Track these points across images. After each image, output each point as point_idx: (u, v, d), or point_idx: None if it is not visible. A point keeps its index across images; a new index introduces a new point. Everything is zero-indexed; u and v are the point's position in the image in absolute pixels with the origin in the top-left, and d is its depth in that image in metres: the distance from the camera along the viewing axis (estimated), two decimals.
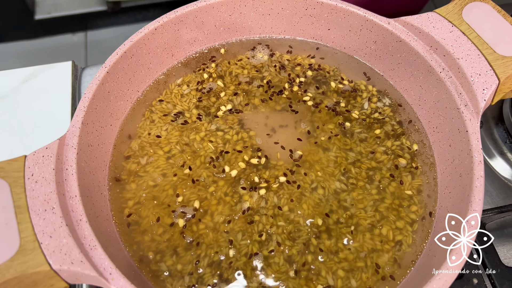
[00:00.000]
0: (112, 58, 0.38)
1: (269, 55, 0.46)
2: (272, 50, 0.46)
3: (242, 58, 0.46)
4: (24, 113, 0.55)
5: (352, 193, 0.38)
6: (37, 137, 0.53)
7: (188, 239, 0.36)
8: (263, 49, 0.46)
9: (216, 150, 0.40)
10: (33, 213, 0.30)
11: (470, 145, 0.35)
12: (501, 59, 0.37)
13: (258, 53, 0.46)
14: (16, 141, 0.53)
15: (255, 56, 0.46)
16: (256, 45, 0.46)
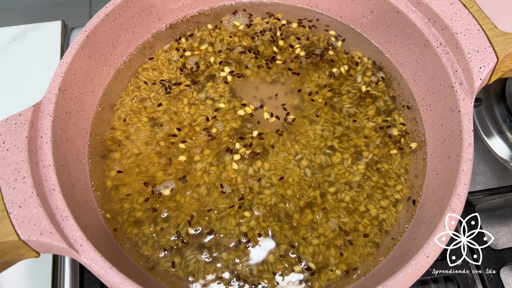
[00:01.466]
0: (93, 21, 0.37)
1: (262, 22, 0.44)
2: (265, 16, 0.44)
3: (234, 24, 0.43)
4: (12, 74, 0.53)
5: (336, 168, 0.37)
6: (24, 99, 0.52)
7: (169, 208, 0.36)
8: (253, 15, 0.44)
9: (204, 119, 0.39)
10: (2, 182, 0.29)
11: (461, 126, 0.34)
12: (502, 36, 0.35)
13: (247, 19, 0.44)
14: (2, 102, 0.52)
15: (245, 22, 0.44)
16: (248, 9, 0.44)
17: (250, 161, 0.37)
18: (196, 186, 0.37)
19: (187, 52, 0.42)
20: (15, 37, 0.55)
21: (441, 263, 0.41)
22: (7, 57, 0.54)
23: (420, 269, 0.29)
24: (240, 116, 0.39)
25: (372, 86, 0.41)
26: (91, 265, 0.29)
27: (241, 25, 0.43)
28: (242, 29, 0.43)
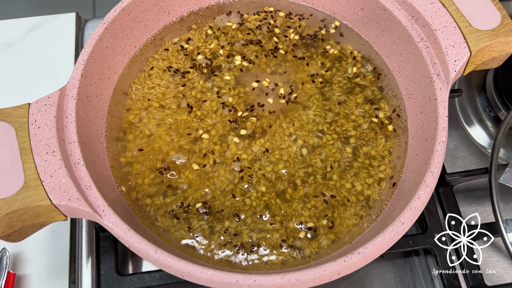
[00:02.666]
0: (111, 14, 0.41)
1: (261, 17, 0.48)
2: (264, 10, 0.48)
3: (227, 25, 0.48)
4: (30, 61, 0.58)
5: (327, 149, 0.42)
6: (41, 84, 0.56)
7: (177, 182, 0.40)
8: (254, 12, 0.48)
9: (210, 104, 0.43)
10: (36, 155, 0.34)
11: (437, 112, 0.38)
12: (475, 33, 0.39)
13: (251, 15, 0.48)
14: (22, 87, 0.56)
15: (247, 18, 0.48)
16: (250, 7, 0.48)
17: (250, 141, 0.42)
18: (202, 163, 0.41)
19: (195, 44, 0.47)
20: (32, 27, 0.59)
21: (421, 237, 0.46)
22: (26, 45, 0.58)
23: (396, 235, 0.34)
24: (243, 100, 0.44)
25: (361, 77, 0.45)
26: (112, 228, 0.33)
27: (234, 24, 0.47)
28: (236, 27, 0.47)
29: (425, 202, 0.35)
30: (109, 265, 0.44)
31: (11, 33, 0.59)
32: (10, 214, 0.32)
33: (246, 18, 0.48)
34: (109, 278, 0.43)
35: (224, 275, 0.32)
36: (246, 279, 0.32)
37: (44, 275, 0.47)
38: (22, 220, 0.32)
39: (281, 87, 0.45)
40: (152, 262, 0.33)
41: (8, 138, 0.34)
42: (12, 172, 0.33)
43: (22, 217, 0.32)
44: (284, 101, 0.44)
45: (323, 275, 0.32)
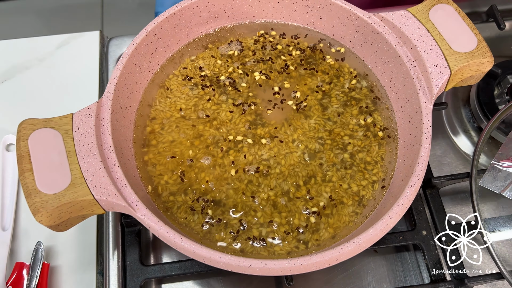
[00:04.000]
0: (139, 36, 0.47)
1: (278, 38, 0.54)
2: (272, 33, 0.55)
3: (245, 40, 0.54)
4: (59, 74, 0.64)
5: (326, 154, 0.48)
6: (69, 95, 0.62)
7: (196, 183, 0.46)
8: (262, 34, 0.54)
9: (225, 114, 0.49)
10: (79, 157, 0.39)
11: (422, 123, 0.44)
12: (454, 55, 0.45)
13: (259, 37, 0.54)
14: (52, 99, 0.62)
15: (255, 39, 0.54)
16: (259, 28, 0.55)
17: (260, 146, 0.48)
18: (218, 164, 0.47)
19: (211, 61, 0.53)
20: (61, 44, 0.66)
21: (410, 234, 0.52)
22: (55, 60, 0.65)
23: (385, 227, 0.39)
24: (254, 111, 0.50)
25: (356, 91, 0.51)
26: (144, 219, 0.39)
27: (236, 51, 0.54)
28: (238, 53, 0.53)
29: (411, 200, 0.41)
30: (133, 256, 0.50)
31: (42, 49, 0.65)
32: (60, 207, 0.37)
33: (247, 44, 0.54)
34: (134, 268, 0.49)
35: (239, 260, 0.38)
36: (258, 263, 0.37)
37: (74, 267, 0.52)
38: (69, 212, 0.38)
39: (288, 99, 0.51)
40: (178, 248, 0.38)
41: (56, 142, 0.40)
42: (61, 172, 0.39)
43: (69, 209, 0.38)
44: (295, 108, 0.50)
45: (323, 260, 0.38)
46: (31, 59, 0.64)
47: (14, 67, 0.64)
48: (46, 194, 0.37)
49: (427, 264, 0.50)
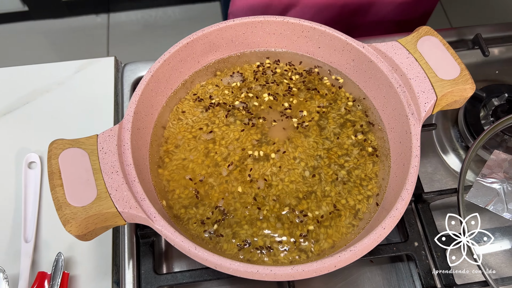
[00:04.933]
0: (155, 65, 0.52)
1: (274, 64, 0.60)
2: (275, 60, 0.60)
3: (251, 67, 0.59)
4: (77, 97, 0.69)
5: (325, 170, 0.52)
6: (87, 117, 0.67)
7: (206, 197, 0.51)
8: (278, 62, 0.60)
9: (233, 133, 0.54)
10: (104, 174, 0.44)
11: (412, 143, 0.49)
12: (440, 81, 0.50)
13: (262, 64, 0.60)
14: (71, 120, 0.67)
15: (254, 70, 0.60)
16: (263, 56, 0.60)
17: (264, 163, 0.52)
18: (225, 181, 0.52)
19: (220, 87, 0.58)
20: (79, 69, 0.71)
21: (403, 245, 0.56)
22: (73, 84, 0.70)
23: (379, 237, 0.44)
24: (260, 131, 0.55)
25: (352, 114, 0.56)
26: (161, 230, 0.43)
27: (238, 82, 0.58)
28: (241, 84, 0.58)
29: (401, 212, 0.45)
30: (147, 266, 0.54)
31: (61, 74, 0.70)
32: (87, 219, 0.42)
33: (247, 74, 0.59)
34: (148, 276, 0.53)
35: (247, 266, 0.42)
36: (264, 269, 0.42)
37: (91, 276, 0.56)
38: (95, 223, 0.42)
39: (290, 120, 0.56)
40: (192, 256, 0.43)
41: (83, 161, 0.44)
42: (88, 187, 0.43)
43: (95, 221, 0.42)
44: (296, 125, 0.55)
45: (323, 266, 0.42)
46: (51, 83, 0.70)
47: (36, 91, 0.69)
48: (75, 207, 0.42)
49: (419, 273, 0.55)
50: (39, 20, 1.94)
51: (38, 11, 1.92)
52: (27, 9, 1.89)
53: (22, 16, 1.92)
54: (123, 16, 2.00)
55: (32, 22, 1.94)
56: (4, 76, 0.70)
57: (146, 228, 0.54)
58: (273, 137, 0.55)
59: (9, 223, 0.59)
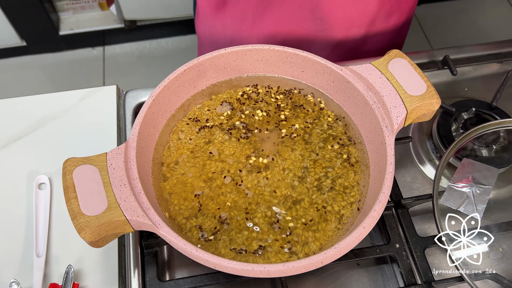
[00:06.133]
0: (157, 90, 0.58)
1: (263, 88, 0.66)
2: (263, 84, 0.67)
3: (243, 91, 0.66)
4: (82, 123, 0.75)
5: (311, 180, 0.58)
6: (92, 140, 0.73)
7: (205, 208, 0.56)
8: (256, 86, 0.66)
9: (228, 149, 0.60)
10: (113, 186, 0.49)
11: (387, 152, 0.55)
12: (409, 97, 0.57)
13: (253, 88, 0.66)
14: (77, 144, 0.72)
15: (251, 89, 0.66)
16: (252, 81, 0.66)
17: (257, 175, 0.58)
18: (222, 193, 0.57)
19: (213, 109, 0.64)
20: (83, 97, 0.77)
21: (386, 247, 0.61)
22: (78, 111, 0.76)
23: (360, 235, 0.49)
24: (253, 146, 0.61)
25: (333, 129, 0.63)
26: (166, 235, 0.48)
27: (228, 111, 0.64)
28: (230, 113, 0.64)
29: (379, 213, 0.51)
30: (152, 274, 0.58)
31: (67, 102, 0.76)
32: (100, 226, 0.47)
33: (234, 101, 0.65)
34: (153, 284, 0.58)
35: (243, 265, 0.47)
36: (259, 267, 0.47)
37: (99, 286, 0.61)
38: (106, 230, 0.47)
39: (281, 132, 0.62)
40: (194, 258, 0.48)
41: (95, 176, 0.50)
42: (99, 198, 0.48)
43: (106, 228, 0.47)
44: (286, 135, 0.61)
45: (311, 263, 0.47)
46: (58, 110, 0.75)
47: (44, 118, 0.75)
48: (88, 216, 0.47)
49: (401, 272, 0.60)
50: (37, 54, 2.02)
51: (36, 46, 1.99)
52: (25, 44, 1.97)
53: (20, 51, 1.99)
54: (118, 48, 2.08)
55: (30, 56, 2.02)
56: (13, 106, 0.76)
57: (150, 239, 0.59)
58: (264, 151, 0.61)
59: (21, 240, 0.64)
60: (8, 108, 0.76)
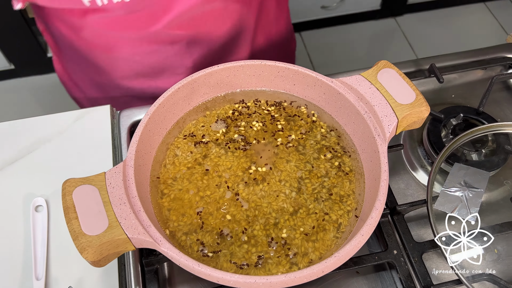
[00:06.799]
0: (152, 108, 0.59)
1: (255, 102, 0.67)
2: (256, 98, 0.68)
3: (233, 108, 0.67)
4: (76, 144, 0.75)
5: (307, 191, 0.59)
6: (87, 160, 0.73)
7: (204, 223, 0.56)
8: (250, 101, 0.67)
9: (224, 163, 0.61)
10: (113, 205, 0.50)
11: (380, 160, 0.56)
12: (399, 106, 0.58)
13: (247, 103, 0.67)
14: (73, 165, 0.73)
15: (245, 105, 0.67)
16: (245, 95, 0.68)
17: (254, 187, 0.59)
18: (220, 207, 0.58)
19: (208, 126, 0.65)
20: (77, 118, 0.77)
21: (384, 254, 0.62)
22: (73, 132, 0.76)
23: (358, 243, 0.50)
24: (250, 159, 0.61)
25: (326, 140, 0.64)
26: (167, 252, 0.49)
27: (223, 129, 0.65)
28: (225, 130, 0.65)
29: (376, 221, 0.52)
30: None
31: (62, 123, 0.76)
32: (101, 245, 0.47)
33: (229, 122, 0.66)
34: None
35: (246, 278, 0.47)
36: (261, 279, 0.47)
37: None
38: (108, 249, 0.48)
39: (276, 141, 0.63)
40: (196, 273, 0.48)
41: (94, 195, 0.50)
42: (100, 218, 0.49)
43: (108, 247, 0.48)
44: (279, 144, 0.63)
45: (312, 272, 0.48)
46: (53, 132, 0.76)
47: (39, 140, 0.75)
48: (90, 235, 0.47)
49: (400, 278, 0.61)
50: (25, 77, 2.02)
51: (24, 69, 1.99)
52: (14, 67, 1.97)
53: (9, 74, 1.99)
54: None
55: (19, 79, 2.01)
56: (6, 129, 0.76)
57: (150, 256, 0.59)
58: (262, 162, 0.61)
59: (19, 263, 0.63)
60: (1, 132, 0.76)
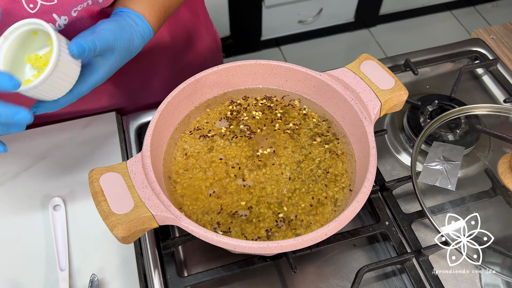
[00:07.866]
0: (162, 106, 0.66)
1: (253, 98, 0.75)
2: (252, 95, 0.75)
3: (236, 103, 0.74)
4: (87, 148, 0.80)
5: (305, 172, 0.66)
6: (97, 162, 0.79)
7: (214, 204, 0.63)
8: (247, 97, 0.74)
9: (230, 153, 0.67)
10: (137, 188, 0.56)
11: (368, 139, 0.63)
12: (381, 91, 0.66)
13: (246, 99, 0.74)
14: (84, 167, 0.78)
15: (242, 101, 0.74)
16: (243, 93, 0.75)
17: (258, 172, 0.66)
18: (228, 190, 0.64)
19: (213, 122, 0.72)
20: (86, 124, 0.83)
21: (377, 225, 0.69)
22: (82, 138, 0.82)
23: (355, 208, 0.57)
24: (252, 148, 0.68)
25: (318, 128, 0.71)
26: (187, 226, 0.55)
27: (224, 128, 0.72)
28: (227, 128, 0.72)
29: (369, 189, 0.59)
30: (172, 271, 0.64)
31: (72, 130, 0.82)
32: (129, 222, 0.53)
33: (226, 115, 0.74)
34: (174, 280, 0.63)
35: (259, 243, 0.54)
36: (273, 243, 0.53)
37: None
38: (135, 226, 0.53)
39: (273, 129, 0.70)
40: (215, 242, 0.54)
41: (119, 181, 0.56)
42: (126, 199, 0.55)
43: (136, 224, 0.53)
44: (277, 133, 0.69)
45: (317, 235, 0.54)
46: (64, 138, 0.81)
47: (51, 146, 0.80)
48: (119, 214, 0.53)
49: (393, 245, 0.67)
50: None
51: None
52: None
53: None
54: None
55: None
56: (19, 138, 0.81)
57: (167, 240, 0.65)
58: (262, 151, 0.68)
59: (43, 257, 0.68)
60: (15, 141, 0.81)
